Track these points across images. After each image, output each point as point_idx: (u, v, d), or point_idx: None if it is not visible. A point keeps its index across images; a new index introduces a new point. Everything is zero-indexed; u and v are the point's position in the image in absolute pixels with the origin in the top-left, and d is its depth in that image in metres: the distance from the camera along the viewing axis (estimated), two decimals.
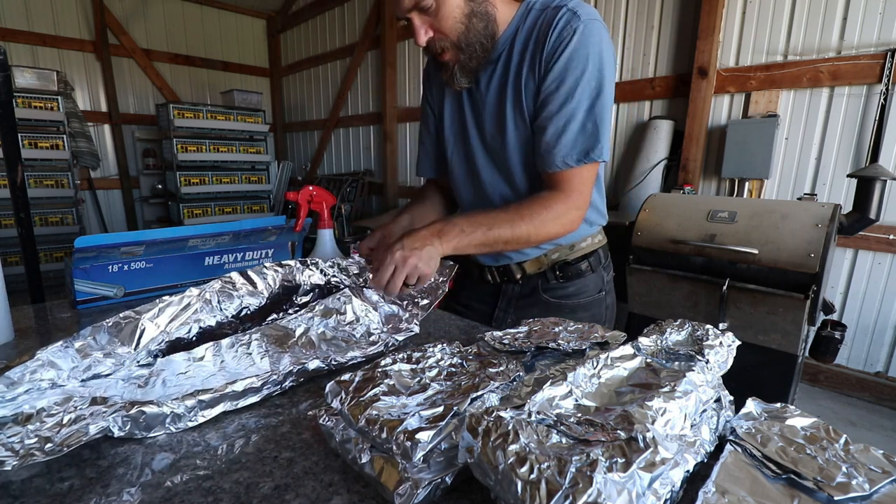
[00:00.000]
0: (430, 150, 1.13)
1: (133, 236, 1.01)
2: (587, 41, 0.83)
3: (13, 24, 4.36)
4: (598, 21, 0.84)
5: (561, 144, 0.86)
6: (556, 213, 0.87)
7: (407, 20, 0.86)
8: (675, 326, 0.58)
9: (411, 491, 0.40)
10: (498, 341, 0.62)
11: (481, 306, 1.11)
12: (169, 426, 0.53)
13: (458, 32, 0.86)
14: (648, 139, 2.79)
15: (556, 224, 0.88)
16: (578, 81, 0.83)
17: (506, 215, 0.86)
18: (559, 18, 0.84)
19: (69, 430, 0.46)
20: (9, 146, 1.51)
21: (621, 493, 0.32)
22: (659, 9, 2.83)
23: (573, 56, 0.83)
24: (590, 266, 1.03)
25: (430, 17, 0.84)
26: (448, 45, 0.87)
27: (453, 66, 0.90)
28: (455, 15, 0.84)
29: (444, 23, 0.84)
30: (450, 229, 0.81)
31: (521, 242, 0.87)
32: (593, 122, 0.85)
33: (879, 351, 2.40)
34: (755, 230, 1.74)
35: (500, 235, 0.84)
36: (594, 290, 1.05)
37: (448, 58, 0.89)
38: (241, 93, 5.11)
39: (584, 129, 0.85)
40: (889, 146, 2.22)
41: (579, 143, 0.85)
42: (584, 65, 0.83)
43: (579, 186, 0.88)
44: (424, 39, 0.86)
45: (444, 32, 0.85)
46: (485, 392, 0.48)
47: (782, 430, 0.45)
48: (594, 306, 1.05)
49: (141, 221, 5.28)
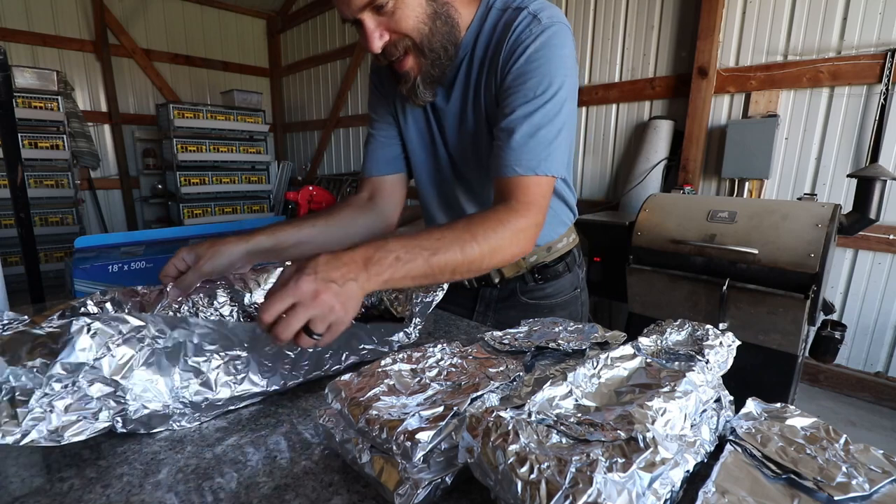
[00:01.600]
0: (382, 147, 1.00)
1: (133, 236, 1.01)
2: (549, 45, 0.76)
3: (13, 24, 4.36)
4: (561, 24, 0.78)
5: (513, 151, 0.76)
6: (513, 229, 0.72)
7: (356, 22, 0.75)
8: (675, 326, 0.58)
9: (411, 491, 0.40)
10: (498, 341, 0.62)
11: (458, 309, 1.05)
12: (172, 424, 0.53)
13: (422, 35, 0.76)
14: (648, 139, 2.79)
15: (512, 244, 0.73)
16: (538, 85, 0.76)
17: (453, 235, 0.68)
18: (519, 22, 0.77)
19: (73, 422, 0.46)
20: (9, 146, 1.51)
21: (621, 493, 0.32)
22: (659, 9, 2.83)
23: (530, 59, 0.76)
24: (566, 266, 1.01)
25: (385, 18, 0.74)
26: (409, 48, 0.78)
27: (415, 77, 0.80)
28: (417, 14, 0.75)
29: (405, 23, 0.74)
30: (382, 257, 0.59)
31: (471, 269, 0.70)
32: (548, 129, 0.76)
33: (879, 351, 2.40)
34: (755, 230, 1.74)
35: (446, 262, 0.65)
36: (570, 288, 1.04)
37: (408, 66, 0.79)
38: (241, 93, 5.11)
39: (541, 137, 0.76)
40: (889, 146, 2.22)
41: (534, 151, 0.76)
42: (543, 69, 0.76)
43: (536, 198, 0.76)
44: (379, 44, 0.75)
45: (404, 33, 0.75)
46: (485, 392, 0.48)
47: (782, 430, 0.45)
48: (571, 304, 1.05)
49: (141, 221, 5.28)
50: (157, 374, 0.51)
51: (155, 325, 0.50)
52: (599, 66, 3.10)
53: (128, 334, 0.49)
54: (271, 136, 5.85)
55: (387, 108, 0.99)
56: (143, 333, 0.50)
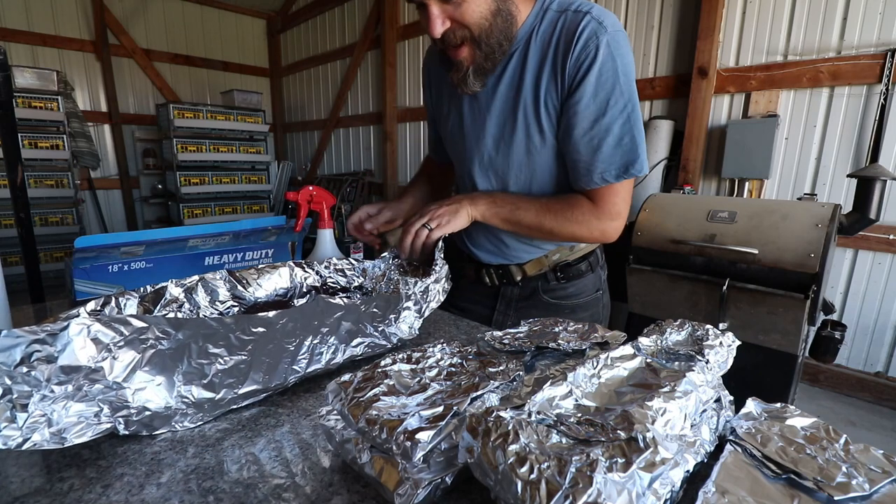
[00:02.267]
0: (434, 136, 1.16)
1: (133, 236, 1.01)
2: (616, 53, 0.78)
3: (13, 24, 4.36)
4: (622, 32, 0.81)
5: (598, 161, 0.82)
6: (583, 217, 0.87)
7: (420, 6, 0.77)
8: (675, 326, 0.58)
9: (411, 491, 0.40)
10: (498, 341, 0.62)
11: (479, 308, 1.08)
12: (174, 425, 0.53)
13: (482, 29, 0.78)
14: (648, 139, 2.79)
15: (580, 228, 0.88)
16: (610, 95, 0.79)
17: (534, 205, 0.87)
18: (583, 28, 0.79)
19: (74, 424, 0.46)
20: (9, 146, 1.51)
21: (621, 493, 0.32)
22: (659, 9, 2.83)
23: (602, 70, 0.78)
24: (589, 266, 1.02)
25: (450, 7, 0.76)
26: (467, 39, 0.79)
27: (467, 66, 0.82)
28: (481, 10, 0.77)
29: (469, 16, 0.77)
30: (482, 197, 0.87)
31: (542, 233, 0.89)
32: (630, 135, 0.81)
33: (879, 351, 2.40)
34: (755, 230, 1.74)
35: (523, 218, 0.87)
36: (592, 289, 1.04)
37: (463, 55, 0.81)
38: (241, 93, 5.12)
39: (621, 144, 0.81)
40: (889, 146, 2.22)
41: (617, 159, 0.82)
42: (613, 78, 0.79)
43: (614, 199, 0.86)
44: (440, 30, 0.77)
45: (466, 24, 0.77)
46: (485, 392, 0.48)
47: (782, 430, 0.45)
48: (592, 305, 1.05)
49: (141, 221, 5.28)
50: (160, 375, 0.51)
51: (158, 326, 0.50)
52: None
53: (130, 336, 0.49)
54: (271, 136, 5.85)
55: (430, 97, 1.10)
56: (146, 335, 0.50)
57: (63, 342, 0.45)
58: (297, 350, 0.61)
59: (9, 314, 0.79)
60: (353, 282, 0.90)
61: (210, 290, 0.75)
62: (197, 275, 0.74)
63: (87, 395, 0.47)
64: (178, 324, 0.51)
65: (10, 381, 0.43)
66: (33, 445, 0.44)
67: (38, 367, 0.44)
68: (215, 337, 0.54)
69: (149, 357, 0.50)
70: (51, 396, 0.44)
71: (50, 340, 0.44)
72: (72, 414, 0.46)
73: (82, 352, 0.46)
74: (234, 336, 0.55)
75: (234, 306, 0.77)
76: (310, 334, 0.62)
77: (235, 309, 0.77)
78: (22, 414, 0.43)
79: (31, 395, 0.44)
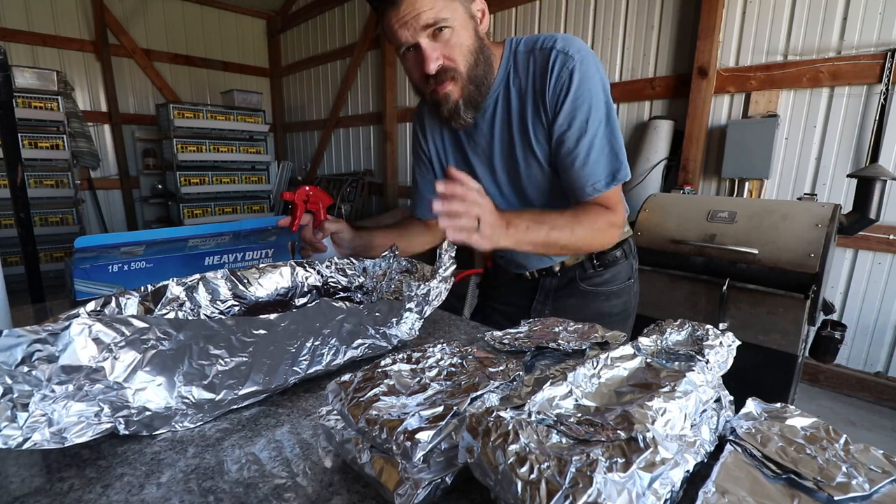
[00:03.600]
0: (427, 190, 1.14)
1: (133, 236, 1.01)
2: (585, 76, 0.86)
3: (13, 24, 4.36)
4: (588, 53, 0.88)
5: (587, 175, 0.89)
6: (608, 222, 0.91)
7: (414, 47, 0.83)
8: (675, 326, 0.58)
9: (411, 491, 0.40)
10: (498, 341, 0.62)
11: (519, 301, 1.14)
12: (174, 425, 0.53)
13: (468, 64, 0.86)
14: (648, 139, 2.79)
15: (605, 234, 0.92)
16: (588, 115, 0.87)
17: (564, 220, 0.86)
18: (553, 62, 0.87)
19: (74, 424, 0.46)
20: (9, 146, 1.51)
21: (621, 493, 0.32)
22: (659, 9, 2.83)
23: (577, 94, 0.86)
24: (624, 253, 1.08)
25: (440, 44, 0.83)
26: (455, 74, 0.86)
27: (457, 99, 0.89)
28: (468, 45, 0.85)
29: (457, 50, 0.84)
30: (518, 223, 0.79)
31: (573, 247, 0.89)
32: (610, 146, 0.89)
33: (879, 351, 2.40)
34: (755, 230, 1.74)
35: (559, 239, 0.84)
36: (625, 277, 1.10)
37: (449, 89, 0.87)
38: (241, 93, 5.11)
39: (605, 156, 0.89)
40: (889, 146, 2.22)
41: (603, 169, 0.89)
42: (588, 99, 0.87)
43: (617, 202, 0.93)
44: (436, 66, 0.83)
45: (453, 59, 0.84)
46: (485, 392, 0.48)
47: (782, 430, 0.45)
48: (625, 293, 1.10)
49: (141, 221, 5.28)
50: (161, 375, 0.51)
51: (159, 327, 0.50)
52: None
53: (131, 336, 0.49)
54: (271, 136, 5.85)
55: (426, 153, 1.11)
56: (148, 336, 0.50)
57: (64, 342, 0.45)
58: (299, 352, 0.61)
59: (9, 314, 0.79)
60: (354, 281, 0.90)
61: (211, 290, 0.75)
62: (198, 274, 0.74)
63: (88, 394, 0.47)
64: (179, 325, 0.51)
65: (10, 381, 0.43)
66: (33, 445, 0.44)
67: (38, 367, 0.44)
68: (216, 338, 0.54)
69: (150, 357, 0.50)
70: (51, 396, 0.44)
71: (51, 340, 0.44)
72: (72, 414, 0.46)
73: (83, 352, 0.46)
74: (236, 337, 0.55)
75: (235, 306, 0.77)
76: (311, 336, 0.62)
77: (236, 308, 0.77)
78: (22, 413, 0.43)
79: (31, 395, 0.44)
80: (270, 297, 0.81)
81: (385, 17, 0.83)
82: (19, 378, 0.43)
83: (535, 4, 3.37)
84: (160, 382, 0.51)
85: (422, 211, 1.16)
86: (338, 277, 0.89)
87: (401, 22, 0.81)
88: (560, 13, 3.24)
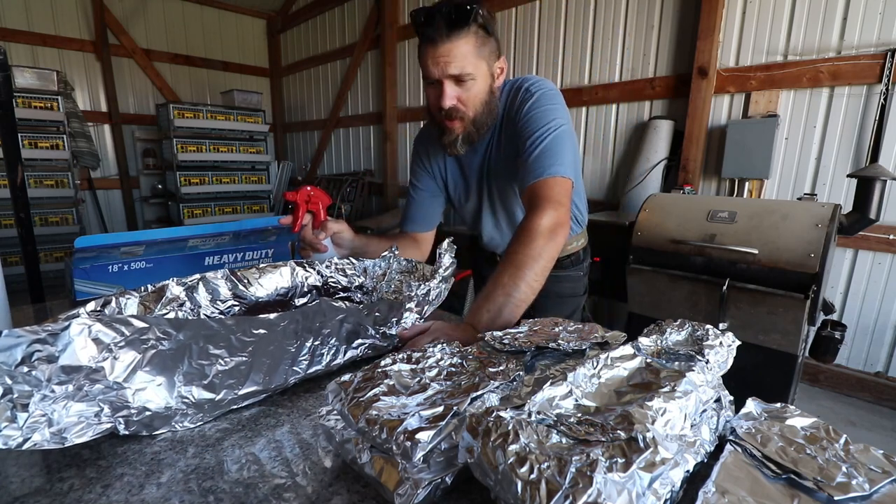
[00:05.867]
0: (422, 206, 1.24)
1: (133, 236, 1.01)
2: (544, 97, 1.02)
3: (13, 24, 4.36)
4: (553, 88, 1.04)
5: (536, 162, 0.97)
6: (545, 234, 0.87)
7: (438, 82, 0.95)
8: (675, 326, 0.58)
9: (411, 491, 0.40)
10: (498, 341, 0.62)
11: None
12: (174, 425, 0.53)
13: (476, 111, 1.00)
14: (648, 139, 2.79)
15: (552, 245, 0.88)
16: (539, 121, 0.99)
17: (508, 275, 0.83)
18: (521, 90, 1.04)
19: (75, 424, 0.46)
20: (9, 146, 1.51)
21: (621, 493, 0.32)
22: (659, 9, 2.82)
23: (535, 104, 1.01)
24: (570, 260, 1.25)
25: (460, 89, 0.96)
26: (463, 116, 1.00)
27: (458, 135, 1.02)
28: (480, 97, 0.99)
29: (472, 99, 0.98)
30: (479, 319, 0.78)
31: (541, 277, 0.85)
32: (557, 147, 0.98)
33: (879, 351, 2.40)
34: (755, 230, 1.74)
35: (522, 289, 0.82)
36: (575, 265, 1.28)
37: (456, 126, 1.01)
38: (241, 93, 5.11)
39: (549, 150, 0.98)
40: (889, 146, 2.22)
41: (547, 160, 0.97)
42: (545, 111, 1.00)
43: (550, 191, 0.94)
44: (449, 104, 0.97)
45: (465, 105, 0.98)
46: (485, 392, 0.48)
47: (782, 430, 0.45)
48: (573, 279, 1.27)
49: (141, 221, 5.28)
50: (160, 375, 0.51)
51: (159, 327, 0.50)
52: (599, 66, 3.10)
53: (131, 336, 0.48)
54: (271, 136, 5.85)
55: (429, 173, 1.23)
56: (147, 336, 0.49)
57: (64, 342, 0.45)
58: (298, 352, 0.61)
59: (9, 314, 0.79)
60: (354, 281, 0.90)
61: (211, 290, 0.75)
62: (198, 274, 0.74)
63: (88, 394, 0.47)
64: (178, 325, 0.51)
65: (10, 381, 0.43)
66: (33, 445, 0.44)
67: (38, 367, 0.44)
68: (216, 338, 0.54)
69: (149, 357, 0.50)
70: (51, 396, 0.44)
71: (51, 340, 0.44)
72: (72, 414, 0.46)
73: (83, 352, 0.46)
74: (235, 337, 0.55)
75: (235, 306, 0.77)
76: (311, 336, 0.62)
77: (236, 308, 0.77)
78: (22, 414, 0.43)
79: (31, 395, 0.44)
80: (270, 297, 0.81)
81: (423, 48, 0.94)
82: (19, 378, 0.43)
83: (535, 4, 3.37)
84: (160, 382, 0.51)
85: (412, 226, 1.25)
86: (338, 277, 0.89)
87: (434, 60, 0.93)
88: (560, 13, 3.24)
